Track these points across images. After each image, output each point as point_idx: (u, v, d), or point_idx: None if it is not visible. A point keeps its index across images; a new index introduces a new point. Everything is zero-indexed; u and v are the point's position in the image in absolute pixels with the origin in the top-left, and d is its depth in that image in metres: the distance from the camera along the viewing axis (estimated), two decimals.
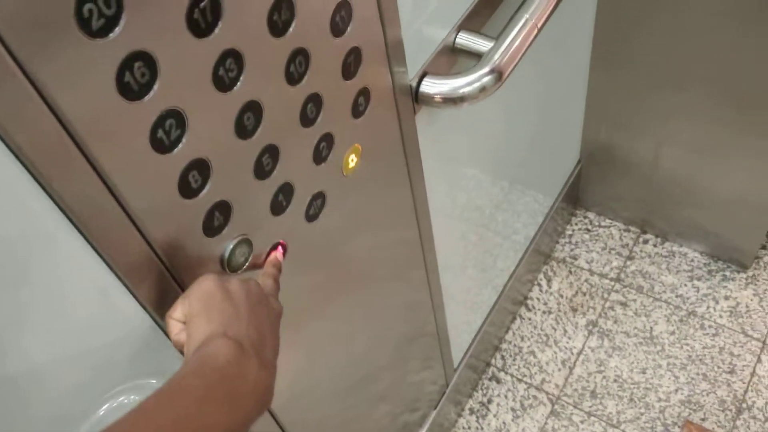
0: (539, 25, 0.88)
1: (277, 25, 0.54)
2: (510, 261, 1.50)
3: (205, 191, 0.52)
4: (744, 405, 1.42)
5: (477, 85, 0.81)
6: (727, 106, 1.31)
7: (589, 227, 1.76)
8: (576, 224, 1.77)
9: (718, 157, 1.42)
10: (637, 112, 1.46)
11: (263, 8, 0.52)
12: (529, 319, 1.62)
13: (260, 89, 0.54)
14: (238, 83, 0.52)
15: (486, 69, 0.82)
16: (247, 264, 0.61)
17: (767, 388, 1.43)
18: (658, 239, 1.71)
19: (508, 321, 1.61)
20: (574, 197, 1.77)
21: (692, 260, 1.65)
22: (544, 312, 1.63)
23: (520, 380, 1.53)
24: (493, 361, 1.57)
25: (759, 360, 1.47)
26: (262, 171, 0.58)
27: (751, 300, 1.56)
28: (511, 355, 1.57)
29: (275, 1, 0.53)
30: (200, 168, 0.51)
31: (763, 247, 1.64)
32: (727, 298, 1.58)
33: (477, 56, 0.84)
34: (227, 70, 0.50)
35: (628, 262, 1.68)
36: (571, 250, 1.73)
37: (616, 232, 1.74)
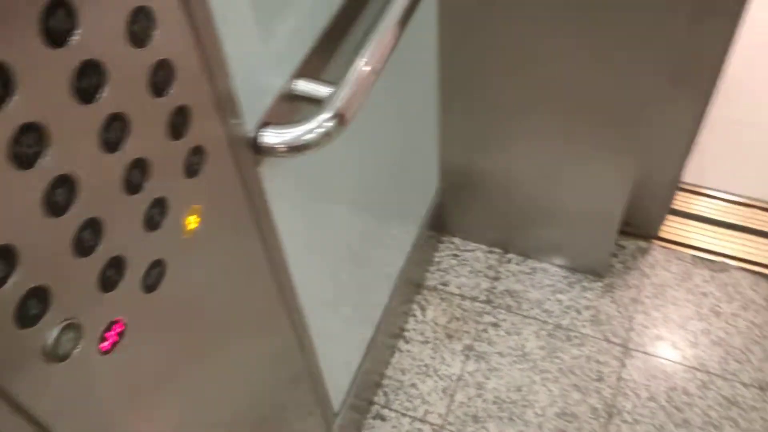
0: (378, 68, 0.89)
1: (85, 92, 0.50)
2: (382, 294, 1.50)
3: (12, 280, 0.47)
4: (614, 410, 1.49)
5: (320, 131, 0.80)
6: (568, 124, 1.39)
7: (456, 252, 1.80)
8: (443, 251, 1.81)
9: (564, 173, 1.50)
10: (488, 136, 1.51)
11: (65, 75, 0.48)
12: (408, 351, 1.62)
13: (71, 161, 0.50)
14: (43, 158, 0.47)
15: (327, 114, 0.81)
16: (78, 349, 0.55)
17: (633, 392, 1.51)
18: (521, 258, 1.78)
19: (388, 355, 1.60)
20: (440, 224, 1.80)
21: (553, 275, 1.73)
22: (421, 342, 1.64)
23: (404, 415, 1.53)
24: (375, 398, 1.55)
25: (623, 365, 1.55)
26: (83, 248, 0.53)
27: (609, 307, 1.65)
28: (393, 390, 1.56)
29: (80, 66, 0.49)
30: (3, 255, 0.46)
31: (615, 255, 1.75)
32: (588, 308, 1.66)
33: (318, 102, 0.83)
34: (27, 145, 0.46)
35: (496, 283, 1.73)
36: (442, 276, 1.75)
37: (482, 255, 1.79)
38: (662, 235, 1.79)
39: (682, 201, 1.84)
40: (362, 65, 0.86)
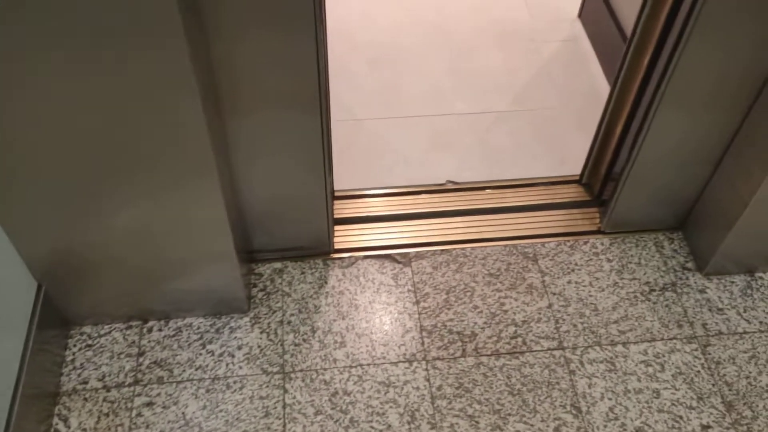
0: None
1: None
2: None
3: None
4: None
5: None
6: (136, 183, 1.31)
7: (90, 342, 1.62)
8: (74, 345, 1.61)
9: (158, 226, 1.42)
10: (68, 220, 1.37)
11: None
12: None
13: None
14: None
15: None
16: None
17: (300, 413, 1.50)
18: (162, 322, 1.66)
19: None
20: (59, 320, 1.61)
21: (198, 327, 1.65)
22: None
23: None
24: None
25: (285, 390, 1.54)
26: None
27: (260, 338, 1.63)
28: None
29: None
30: None
31: (254, 285, 1.73)
32: (240, 347, 1.61)
33: None
34: None
35: (141, 359, 1.59)
36: (79, 374, 1.56)
37: (119, 334, 1.64)
38: (337, 247, 1.80)
39: (340, 209, 1.88)
40: None
